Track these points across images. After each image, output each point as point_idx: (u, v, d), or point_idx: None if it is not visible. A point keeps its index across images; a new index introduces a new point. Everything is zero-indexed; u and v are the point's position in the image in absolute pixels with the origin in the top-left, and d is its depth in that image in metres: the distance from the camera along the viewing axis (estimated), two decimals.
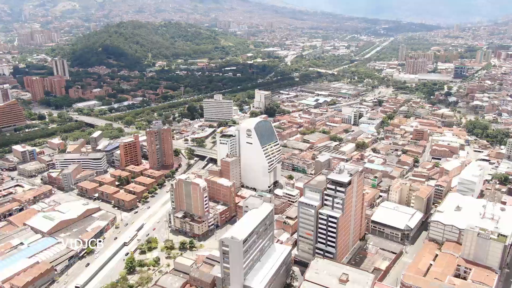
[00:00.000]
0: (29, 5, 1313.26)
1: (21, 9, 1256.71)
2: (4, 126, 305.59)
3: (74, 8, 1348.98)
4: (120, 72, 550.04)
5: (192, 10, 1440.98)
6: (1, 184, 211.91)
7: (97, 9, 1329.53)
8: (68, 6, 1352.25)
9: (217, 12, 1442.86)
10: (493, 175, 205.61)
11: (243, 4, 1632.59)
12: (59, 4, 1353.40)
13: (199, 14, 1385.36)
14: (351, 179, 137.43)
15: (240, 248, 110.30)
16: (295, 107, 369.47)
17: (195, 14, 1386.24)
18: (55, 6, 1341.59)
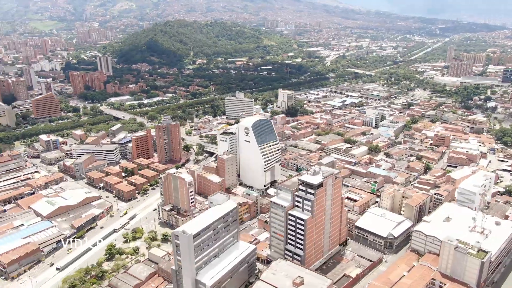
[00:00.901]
0: (90, 5, 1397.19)
1: (84, 9, 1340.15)
2: (40, 117, 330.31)
3: (131, 7, 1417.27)
4: (160, 69, 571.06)
5: (242, 9, 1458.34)
6: (22, 170, 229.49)
7: (152, 9, 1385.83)
8: (125, 6, 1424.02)
9: (267, 12, 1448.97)
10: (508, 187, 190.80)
11: (294, 4, 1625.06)
12: (117, 4, 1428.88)
13: (249, 14, 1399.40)
14: (323, 182, 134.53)
15: (190, 242, 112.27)
16: (319, 108, 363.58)
17: (245, 13, 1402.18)
18: (114, 6, 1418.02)
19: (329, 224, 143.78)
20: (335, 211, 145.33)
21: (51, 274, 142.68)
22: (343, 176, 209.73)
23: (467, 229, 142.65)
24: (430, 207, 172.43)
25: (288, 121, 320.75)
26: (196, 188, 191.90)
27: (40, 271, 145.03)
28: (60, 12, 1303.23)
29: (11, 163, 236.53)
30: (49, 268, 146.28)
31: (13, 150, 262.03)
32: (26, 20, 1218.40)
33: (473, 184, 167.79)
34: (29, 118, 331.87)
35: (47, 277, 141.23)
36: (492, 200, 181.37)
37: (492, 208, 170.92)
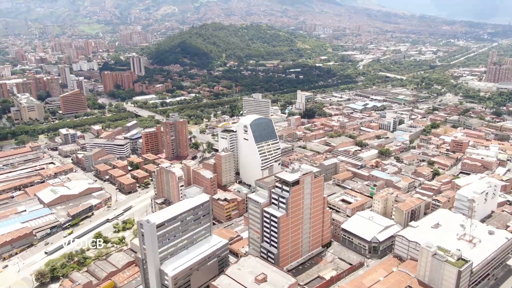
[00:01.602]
0: (136, 10, 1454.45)
1: (129, 13, 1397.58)
2: (67, 112, 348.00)
3: (173, 11, 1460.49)
4: (190, 70, 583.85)
5: (282, 13, 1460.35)
6: (38, 160, 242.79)
7: (193, 13, 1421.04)
8: (168, 10, 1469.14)
9: (306, 16, 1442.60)
10: None
11: (335, 8, 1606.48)
12: (161, 8, 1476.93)
13: (288, 17, 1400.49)
14: (299, 179, 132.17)
15: (153, 232, 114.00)
16: (339, 111, 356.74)
17: (284, 17, 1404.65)
18: (157, 10, 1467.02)
19: (308, 224, 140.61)
20: (316, 211, 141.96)
21: (39, 258, 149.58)
22: (345, 178, 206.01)
23: (456, 237, 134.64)
24: (427, 213, 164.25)
25: (303, 122, 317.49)
26: (192, 183, 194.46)
27: (30, 254, 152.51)
28: (107, 16, 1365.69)
29: (30, 154, 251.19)
30: (39, 252, 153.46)
31: (36, 142, 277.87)
32: (76, 24, 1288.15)
33: (473, 191, 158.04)
34: (57, 113, 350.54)
35: (34, 260, 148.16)
36: (499, 209, 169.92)
37: (495, 218, 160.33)
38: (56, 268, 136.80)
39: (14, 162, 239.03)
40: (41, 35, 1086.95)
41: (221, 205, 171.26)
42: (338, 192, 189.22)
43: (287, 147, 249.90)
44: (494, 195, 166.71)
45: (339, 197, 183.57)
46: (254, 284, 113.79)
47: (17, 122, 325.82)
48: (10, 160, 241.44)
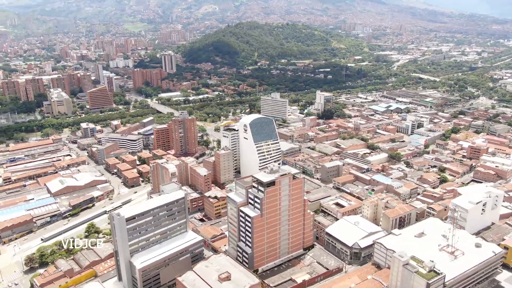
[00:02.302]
0: (178, 8, 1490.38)
1: (171, 12, 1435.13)
2: (94, 107, 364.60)
3: (214, 10, 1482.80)
4: (220, 69, 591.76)
5: (322, 12, 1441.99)
6: (57, 152, 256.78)
7: (233, 12, 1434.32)
8: (209, 9, 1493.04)
9: (347, 14, 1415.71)
10: None
11: (377, 6, 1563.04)
12: (202, 7, 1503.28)
13: (327, 16, 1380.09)
14: (275, 180, 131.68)
15: (123, 225, 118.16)
16: (360, 112, 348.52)
17: (324, 16, 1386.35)
18: (198, 9, 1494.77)
19: (286, 225, 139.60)
20: (295, 213, 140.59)
21: (35, 244, 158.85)
22: (346, 181, 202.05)
23: (438, 247, 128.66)
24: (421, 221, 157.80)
25: (319, 123, 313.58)
26: (189, 180, 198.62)
27: (28, 240, 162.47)
28: (150, 14, 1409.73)
29: (51, 146, 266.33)
30: (36, 238, 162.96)
31: (60, 134, 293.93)
32: (121, 22, 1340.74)
33: (469, 201, 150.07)
34: (85, 108, 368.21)
35: (30, 245, 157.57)
36: (501, 221, 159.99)
37: (492, 230, 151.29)
38: (45, 255, 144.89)
39: (35, 153, 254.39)
40: (87, 33, 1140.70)
41: (210, 203, 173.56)
42: (334, 196, 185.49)
43: (294, 147, 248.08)
44: (495, 206, 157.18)
45: (333, 200, 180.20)
46: (217, 282, 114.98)
47: (47, 116, 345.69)
48: (32, 151, 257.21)
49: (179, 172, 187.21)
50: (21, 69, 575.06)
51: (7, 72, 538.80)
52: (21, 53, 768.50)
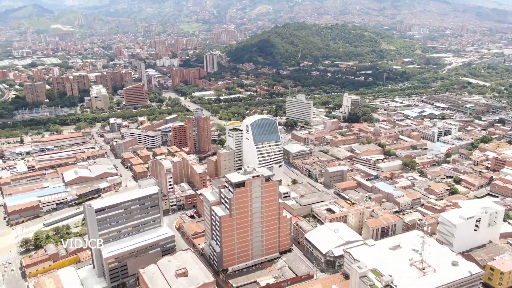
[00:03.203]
0: (233, 9, 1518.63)
1: (226, 12, 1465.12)
2: (129, 104, 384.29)
3: (268, 11, 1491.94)
4: (260, 69, 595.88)
5: (378, 12, 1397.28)
6: (83, 144, 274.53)
7: (286, 12, 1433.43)
8: (263, 9, 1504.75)
9: (406, 15, 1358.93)
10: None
11: (439, 6, 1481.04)
12: (256, 8, 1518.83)
13: (384, 16, 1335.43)
14: (245, 181, 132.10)
15: (93, 215, 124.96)
16: (389, 116, 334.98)
17: (380, 16, 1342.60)
18: (253, 10, 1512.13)
19: (260, 228, 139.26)
20: (269, 216, 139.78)
21: (37, 228, 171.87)
22: (347, 187, 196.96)
23: (408, 262, 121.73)
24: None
25: (341, 126, 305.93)
26: (189, 177, 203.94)
27: (33, 224, 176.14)
28: (205, 15, 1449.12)
29: (79, 138, 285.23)
30: (40, 223, 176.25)
31: (91, 128, 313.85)
32: (178, 22, 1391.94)
33: (459, 215, 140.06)
34: (121, 104, 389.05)
35: (33, 229, 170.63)
36: (502, 240, 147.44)
37: (485, 249, 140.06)
38: (40, 238, 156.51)
39: (63, 144, 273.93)
40: (145, 33, 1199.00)
41: (201, 200, 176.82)
42: (328, 201, 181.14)
43: (304, 150, 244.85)
44: (494, 223, 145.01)
45: (326, 206, 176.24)
46: (173, 277, 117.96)
47: (86, 110, 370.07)
48: (61, 142, 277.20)
49: (174, 169, 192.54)
50: (77, 66, 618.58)
51: (63, 69, 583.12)
52: (81, 51, 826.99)
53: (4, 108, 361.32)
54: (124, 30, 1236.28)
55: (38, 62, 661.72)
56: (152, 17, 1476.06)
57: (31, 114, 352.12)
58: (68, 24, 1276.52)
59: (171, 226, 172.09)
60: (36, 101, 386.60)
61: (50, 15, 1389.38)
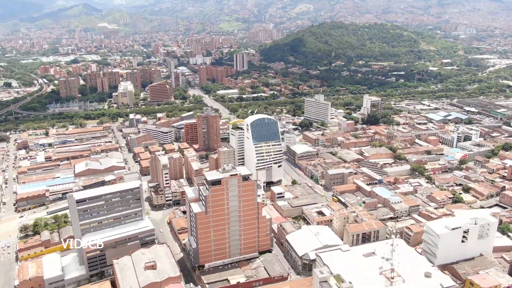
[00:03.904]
0: (273, 8, 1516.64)
1: (266, 11, 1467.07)
2: (153, 100, 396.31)
3: (308, 10, 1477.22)
4: (290, 68, 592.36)
5: (423, 11, 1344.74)
6: (101, 138, 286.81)
7: (327, 11, 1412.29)
8: (304, 8, 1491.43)
9: (453, 14, 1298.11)
10: None
11: (491, 4, 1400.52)
12: (297, 7, 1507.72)
13: (430, 15, 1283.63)
14: (221, 180, 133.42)
15: (73, 205, 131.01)
16: (411, 120, 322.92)
17: (425, 15, 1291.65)
18: (293, 9, 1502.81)
19: (237, 226, 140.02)
20: (248, 215, 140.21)
21: (41, 215, 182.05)
22: (346, 190, 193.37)
23: (378, 270, 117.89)
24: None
25: (356, 128, 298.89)
26: (189, 173, 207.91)
27: (38, 212, 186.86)
28: (245, 14, 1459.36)
29: (99, 132, 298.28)
30: (44, 211, 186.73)
31: (114, 123, 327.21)
32: (218, 21, 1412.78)
33: (445, 225, 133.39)
34: (146, 100, 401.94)
35: (37, 216, 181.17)
36: (496, 254, 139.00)
37: (472, 262, 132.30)
38: (38, 225, 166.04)
39: (83, 137, 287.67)
40: (185, 31, 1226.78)
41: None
42: (321, 203, 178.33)
43: (311, 151, 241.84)
44: (486, 235, 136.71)
45: (318, 208, 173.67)
46: (142, 269, 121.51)
47: (112, 106, 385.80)
48: (82, 135, 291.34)
49: (174, 165, 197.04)
50: (113, 63, 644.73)
51: (101, 66, 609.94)
52: (121, 49, 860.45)
53: (39, 102, 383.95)
54: (166, 29, 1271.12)
55: (79, 59, 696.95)
56: (193, 16, 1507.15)
57: (61, 108, 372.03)
58: (114, 23, 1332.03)
59: (164, 221, 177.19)
60: (69, 95, 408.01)
61: (98, 14, 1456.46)
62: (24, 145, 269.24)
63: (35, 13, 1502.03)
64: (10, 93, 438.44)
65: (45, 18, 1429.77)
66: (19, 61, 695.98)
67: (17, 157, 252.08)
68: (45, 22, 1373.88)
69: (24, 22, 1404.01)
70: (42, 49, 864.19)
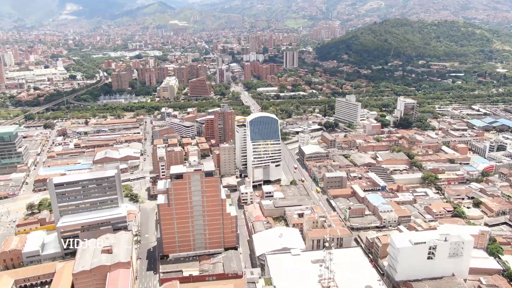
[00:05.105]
0: (342, 5, 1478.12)
1: (334, 8, 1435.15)
2: (192, 95, 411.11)
3: (379, 6, 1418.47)
4: (342, 67, 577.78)
5: (510, 7, 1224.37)
6: (131, 129, 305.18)
7: (399, 7, 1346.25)
8: (374, 5, 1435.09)
9: None
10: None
11: None
12: (367, 4, 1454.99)
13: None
14: (183, 174, 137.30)
15: (52, 189, 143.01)
16: (450, 125, 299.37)
17: (511, 11, 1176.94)
18: (363, 5, 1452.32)
19: (201, 221, 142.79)
20: (212, 211, 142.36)
21: None
22: (340, 195, 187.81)
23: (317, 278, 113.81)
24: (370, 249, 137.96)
25: (383, 131, 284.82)
26: None
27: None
28: (313, 11, 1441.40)
29: (130, 123, 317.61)
30: None
31: (149, 116, 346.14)
32: (284, 18, 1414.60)
33: (409, 239, 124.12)
34: (187, 95, 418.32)
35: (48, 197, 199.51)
36: (473, 276, 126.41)
37: (439, 281, 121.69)
38: (42, 204, 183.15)
39: (116, 128, 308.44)
40: (250, 28, 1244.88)
41: None
42: (305, 206, 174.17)
43: (320, 152, 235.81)
44: (461, 255, 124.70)
45: (302, 211, 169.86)
46: (99, 252, 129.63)
47: (154, 99, 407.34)
48: (115, 126, 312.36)
49: (175, 158, 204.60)
50: (172, 59, 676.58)
51: (159, 61, 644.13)
52: (185, 45, 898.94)
53: (91, 93, 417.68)
54: (231, 26, 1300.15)
55: (143, 54, 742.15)
56: (261, 13, 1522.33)
57: (109, 100, 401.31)
58: (184, 20, 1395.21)
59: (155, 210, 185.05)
60: (120, 88, 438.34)
61: (171, 12, 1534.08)
62: (63, 132, 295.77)
63: (116, 11, 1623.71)
64: (72, 85, 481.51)
65: (124, 16, 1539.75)
66: (91, 55, 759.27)
67: (54, 143, 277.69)
68: (123, 20, 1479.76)
69: (106, 19, 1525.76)
70: (114, 45, 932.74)
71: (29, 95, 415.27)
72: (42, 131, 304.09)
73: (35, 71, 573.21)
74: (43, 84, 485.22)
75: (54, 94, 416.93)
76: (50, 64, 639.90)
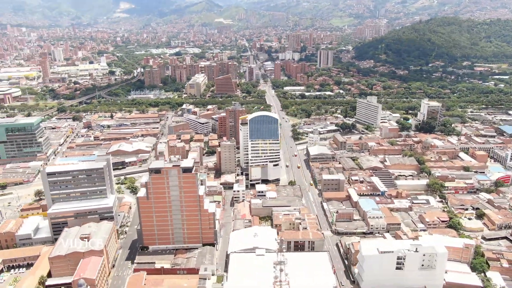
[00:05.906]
0: (391, 3, 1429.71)
1: (382, 6, 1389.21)
2: (218, 92, 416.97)
3: (431, 4, 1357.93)
4: (378, 67, 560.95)
5: None
6: (150, 124, 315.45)
7: (452, 6, 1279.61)
8: (426, 2, 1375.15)
9: None
10: None
11: None
12: (418, 1, 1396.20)
13: None
14: (161, 169, 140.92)
15: (45, 177, 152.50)
16: (477, 130, 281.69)
17: None
18: (414, 3, 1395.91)
19: (179, 216, 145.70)
20: (190, 207, 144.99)
21: None
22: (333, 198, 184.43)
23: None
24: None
25: (400, 135, 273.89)
26: None
27: None
28: (360, 9, 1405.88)
29: (151, 118, 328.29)
30: None
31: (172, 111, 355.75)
32: (330, 17, 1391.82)
33: (377, 247, 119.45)
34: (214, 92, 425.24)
35: None
36: None
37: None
38: None
39: (137, 122, 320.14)
40: (293, 27, 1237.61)
41: None
42: (293, 207, 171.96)
43: (326, 154, 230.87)
44: (433, 267, 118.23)
45: (289, 212, 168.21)
46: (78, 239, 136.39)
47: (181, 95, 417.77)
48: (137, 120, 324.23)
49: (177, 152, 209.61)
50: (208, 56, 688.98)
51: (196, 58, 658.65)
52: (225, 43, 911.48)
53: (123, 89, 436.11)
54: (275, 24, 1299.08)
55: (182, 52, 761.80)
56: (306, 11, 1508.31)
57: (139, 95, 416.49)
58: (229, 18, 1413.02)
59: None
60: (151, 84, 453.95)
61: (217, 10, 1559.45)
62: (88, 124, 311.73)
63: (166, 9, 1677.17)
64: (110, 80, 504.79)
65: (172, 14, 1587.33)
66: (134, 52, 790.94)
67: (77, 135, 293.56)
68: (171, 18, 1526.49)
69: (156, 17, 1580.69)
70: (159, 42, 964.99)
71: (67, 88, 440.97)
72: (70, 123, 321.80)
73: (80, 66, 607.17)
74: (83, 79, 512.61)
75: (89, 88, 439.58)
76: (95, 60, 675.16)
